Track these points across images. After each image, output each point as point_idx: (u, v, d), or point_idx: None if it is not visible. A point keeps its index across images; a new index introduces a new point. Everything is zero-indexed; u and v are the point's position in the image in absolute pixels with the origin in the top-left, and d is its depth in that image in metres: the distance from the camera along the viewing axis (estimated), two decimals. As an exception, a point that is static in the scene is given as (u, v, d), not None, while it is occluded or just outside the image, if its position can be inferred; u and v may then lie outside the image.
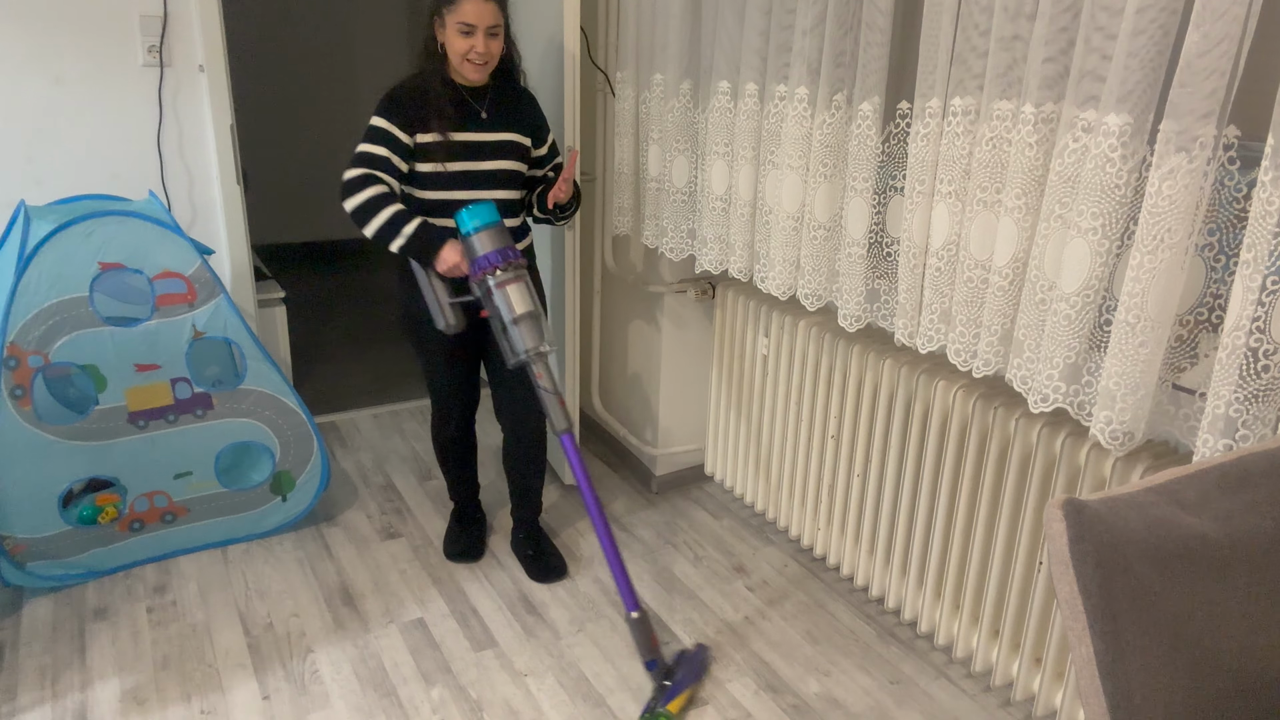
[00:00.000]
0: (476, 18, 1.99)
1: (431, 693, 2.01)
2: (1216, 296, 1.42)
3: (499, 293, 2.03)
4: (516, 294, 2.03)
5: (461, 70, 2.07)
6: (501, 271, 2.02)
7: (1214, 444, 1.36)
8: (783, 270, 2.14)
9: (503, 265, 2.02)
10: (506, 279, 2.03)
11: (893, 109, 1.86)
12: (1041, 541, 1.82)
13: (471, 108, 2.13)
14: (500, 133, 2.16)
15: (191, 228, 2.74)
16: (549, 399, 2.06)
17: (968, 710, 2.00)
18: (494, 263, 2.01)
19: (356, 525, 2.66)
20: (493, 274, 2.02)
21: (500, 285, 2.02)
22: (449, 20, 2.01)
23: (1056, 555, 0.85)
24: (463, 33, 2.01)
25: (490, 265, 2.01)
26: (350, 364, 3.91)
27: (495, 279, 2.02)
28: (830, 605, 2.35)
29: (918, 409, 2.03)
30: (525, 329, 2.03)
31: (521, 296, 2.04)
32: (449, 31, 2.02)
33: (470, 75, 2.08)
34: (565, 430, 2.06)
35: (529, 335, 2.04)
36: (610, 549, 2.03)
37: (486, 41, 2.03)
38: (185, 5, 2.55)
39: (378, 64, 5.39)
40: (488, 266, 2.02)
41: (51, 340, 2.12)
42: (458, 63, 2.05)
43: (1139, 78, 1.35)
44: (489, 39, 2.03)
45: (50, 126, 2.51)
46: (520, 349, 2.04)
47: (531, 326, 2.04)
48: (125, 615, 2.22)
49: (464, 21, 1.99)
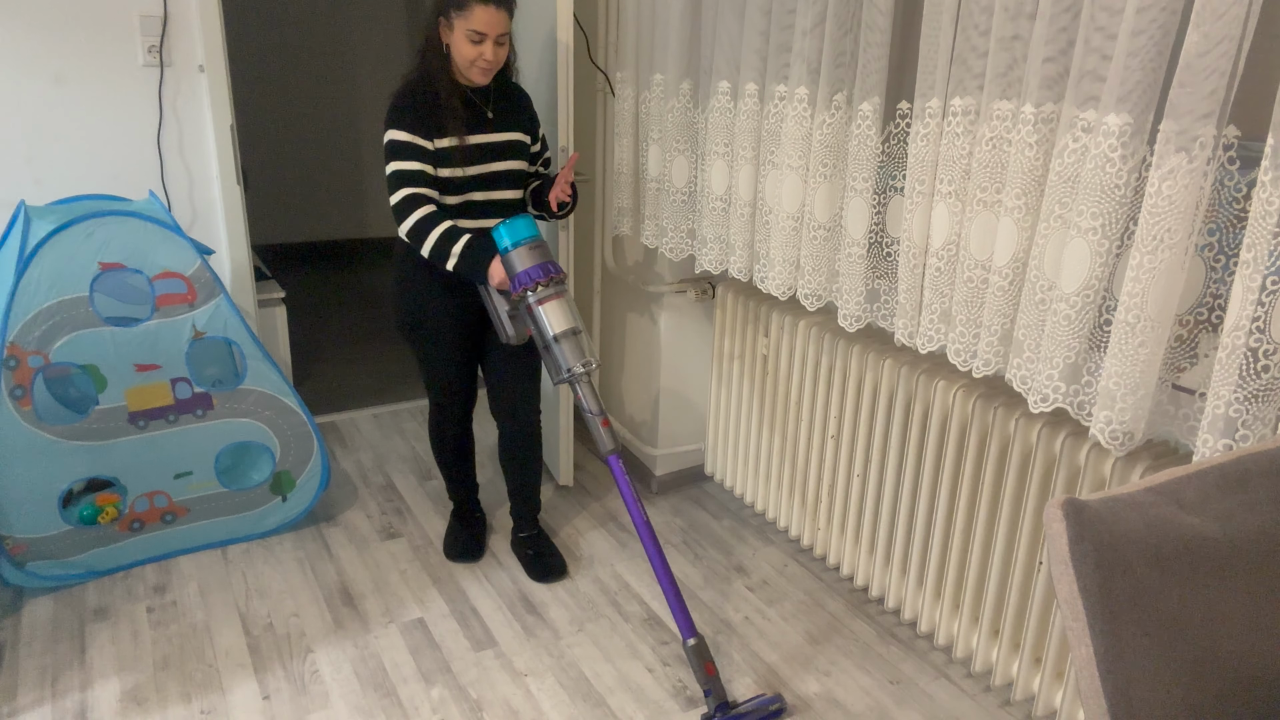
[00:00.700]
0: (488, 26, 1.98)
1: (431, 693, 2.01)
2: (1216, 296, 1.42)
3: (537, 310, 2.00)
4: (555, 311, 2.00)
5: (468, 74, 2.06)
6: (542, 288, 1.99)
7: (1214, 444, 1.36)
8: (783, 270, 2.14)
9: (543, 281, 1.99)
10: (545, 296, 2.00)
11: (893, 109, 1.86)
12: (1041, 541, 1.83)
13: (479, 109, 2.13)
14: (507, 132, 2.17)
15: (191, 228, 2.74)
16: (592, 421, 2.03)
17: (968, 710, 2.00)
18: (534, 279, 1.98)
19: (356, 525, 2.66)
20: (532, 290, 1.99)
21: (539, 303, 2.00)
22: (458, 25, 1.99)
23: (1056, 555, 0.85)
24: (473, 40, 1.99)
25: (528, 282, 1.98)
26: (350, 364, 3.91)
27: (533, 296, 2.00)
28: (830, 605, 2.35)
29: (918, 409, 2.03)
30: (567, 348, 2.00)
31: (561, 314, 2.00)
32: (457, 35, 2.01)
33: (476, 79, 2.07)
34: (611, 452, 2.03)
35: (570, 354, 2.00)
36: (664, 574, 1.97)
37: (495, 49, 2.02)
38: (185, 5, 2.55)
39: (377, 64, 5.39)
40: (528, 283, 1.98)
41: (52, 340, 2.12)
42: (464, 66, 2.04)
43: (1139, 78, 1.35)
44: (497, 47, 2.02)
45: (50, 126, 2.51)
46: (564, 367, 2.01)
47: (573, 345, 2.00)
48: (125, 615, 2.22)
49: (475, 29, 1.98)
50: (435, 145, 2.06)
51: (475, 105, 2.13)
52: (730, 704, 1.94)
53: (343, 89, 5.35)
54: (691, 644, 1.93)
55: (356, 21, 5.27)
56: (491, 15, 1.97)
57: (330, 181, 5.48)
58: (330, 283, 5.10)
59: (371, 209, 5.68)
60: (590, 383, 2.04)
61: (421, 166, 2.04)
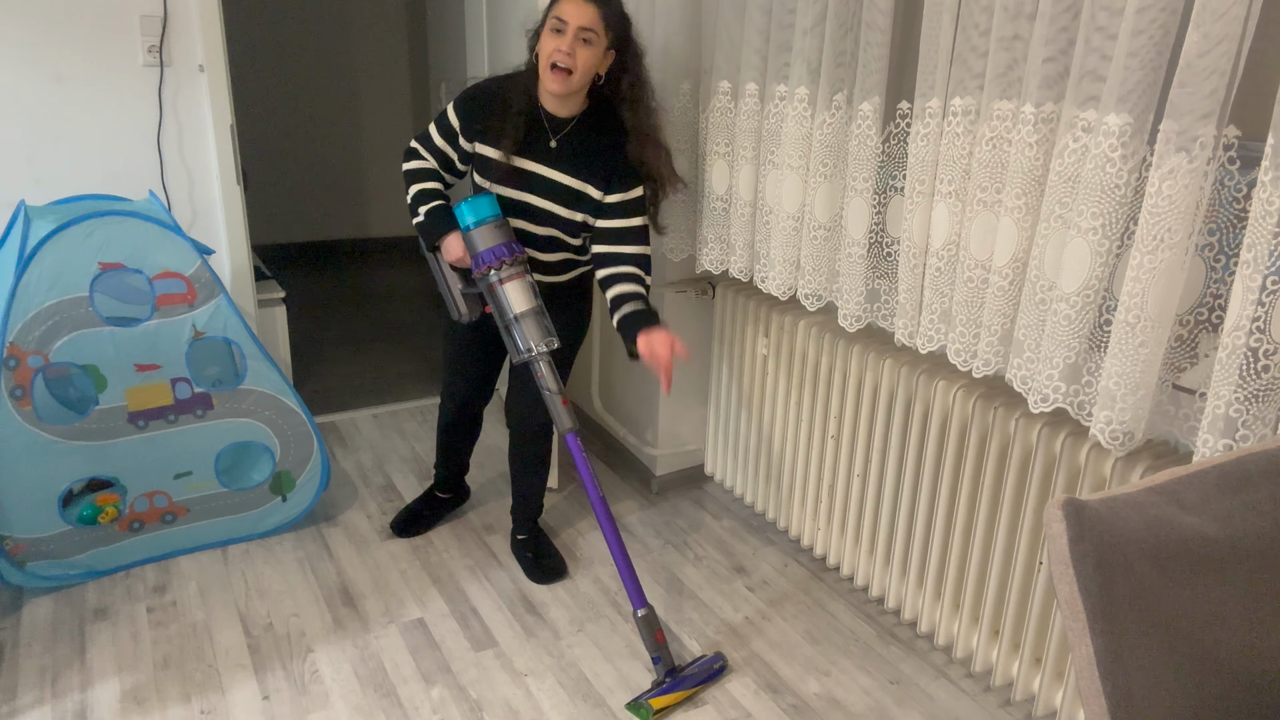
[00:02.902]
0: (571, 15, 1.87)
1: (431, 693, 2.01)
2: (1216, 296, 1.42)
3: (499, 290, 2.01)
4: (517, 291, 2.01)
5: (544, 80, 1.92)
6: (507, 266, 1.99)
7: (1214, 444, 1.36)
8: (783, 270, 2.14)
9: (507, 260, 1.99)
10: (507, 275, 2.00)
11: (893, 109, 1.86)
12: (1041, 541, 1.82)
13: (544, 133, 2.01)
14: (566, 175, 2.02)
15: (191, 228, 2.74)
16: (551, 399, 2.06)
17: (968, 710, 2.00)
18: (499, 257, 1.98)
19: (356, 525, 2.66)
20: (497, 269, 1.99)
21: (501, 282, 2.00)
22: (549, 19, 1.89)
23: (1056, 555, 0.85)
24: (554, 29, 1.88)
25: (493, 260, 1.99)
26: (350, 364, 3.91)
27: (496, 275, 2.00)
28: (830, 605, 2.35)
29: (918, 409, 2.03)
30: (527, 326, 2.02)
31: (522, 293, 2.01)
32: (545, 32, 1.90)
33: (550, 85, 1.92)
34: (569, 430, 2.05)
35: (531, 333, 2.02)
36: (616, 547, 2.04)
37: (574, 44, 1.87)
38: (185, 5, 2.55)
39: (378, 64, 5.39)
40: (492, 261, 1.99)
41: (51, 340, 2.12)
42: (543, 71, 1.91)
43: (1139, 78, 1.35)
44: (579, 44, 1.87)
45: (50, 126, 2.51)
46: (523, 347, 2.03)
47: (533, 324, 2.02)
48: (125, 615, 2.22)
49: (558, 16, 1.87)
50: (476, 148, 2.04)
51: (542, 127, 2.01)
52: (678, 669, 2.02)
53: (343, 89, 5.35)
54: (641, 614, 2.00)
55: (356, 22, 5.27)
56: (578, 6, 1.86)
57: (330, 181, 5.48)
58: (330, 283, 5.10)
59: (371, 209, 5.68)
60: (550, 361, 2.05)
61: (445, 146, 2.07)
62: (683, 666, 2.04)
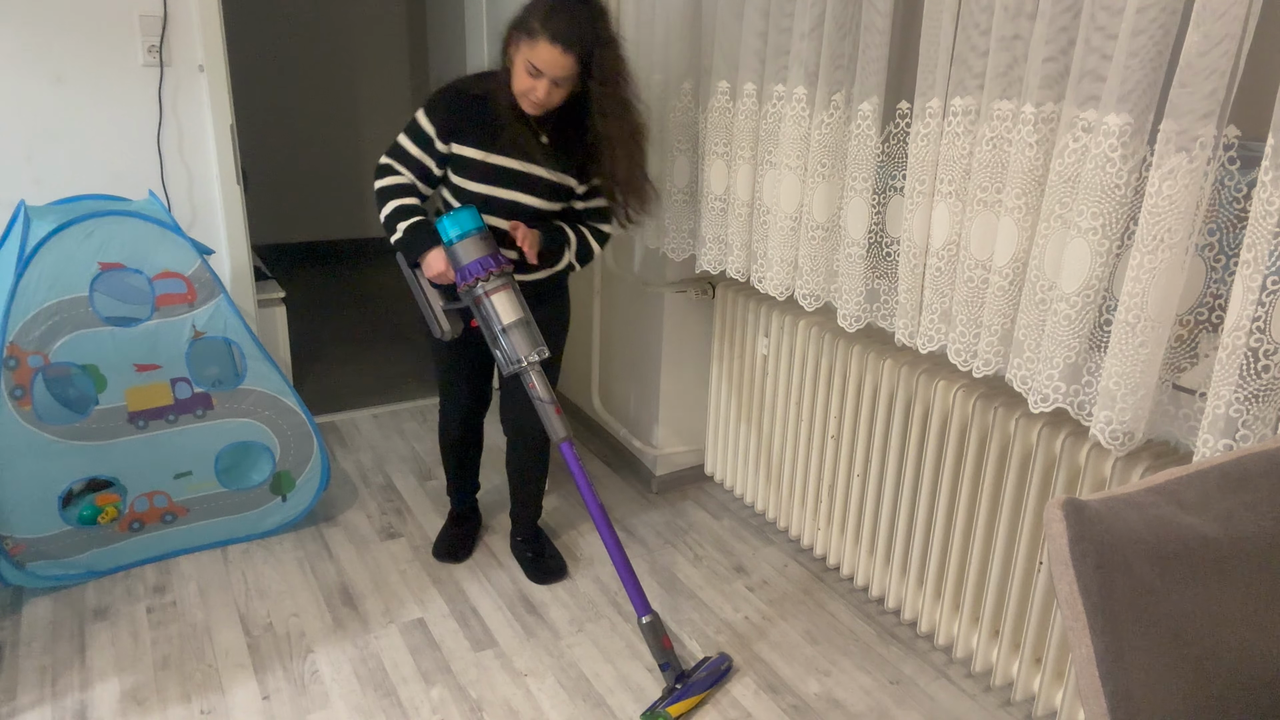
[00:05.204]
0: (548, 66, 1.87)
1: (431, 693, 2.01)
2: (1216, 296, 1.42)
3: (486, 302, 2.00)
4: (503, 302, 2.00)
5: (519, 100, 1.97)
6: (494, 278, 1.99)
7: (1214, 444, 1.36)
8: (780, 270, 2.14)
9: (494, 271, 1.98)
10: (493, 287, 1.99)
11: (892, 109, 1.85)
12: (1041, 541, 1.82)
13: (523, 130, 2.01)
14: (544, 169, 2.04)
15: (191, 228, 2.74)
16: (544, 409, 2.04)
17: (968, 710, 2.00)
18: (486, 269, 1.97)
19: (356, 525, 2.66)
20: (484, 280, 1.98)
21: (487, 294, 1.99)
22: (523, 50, 1.89)
23: (1056, 555, 0.85)
24: (529, 73, 1.89)
25: (480, 272, 1.97)
26: (350, 364, 3.91)
27: (481, 288, 1.99)
28: (830, 605, 2.35)
29: (918, 409, 2.03)
30: (517, 337, 2.01)
31: (509, 305, 2.00)
32: (519, 61, 1.91)
33: (525, 109, 1.98)
34: (564, 439, 2.05)
35: (521, 344, 2.01)
36: (618, 555, 2.03)
37: (549, 89, 1.91)
38: (185, 5, 2.55)
39: (377, 64, 5.39)
40: (479, 273, 1.97)
41: (51, 340, 2.12)
42: (515, 93, 1.95)
43: (1139, 77, 1.35)
44: (553, 87, 1.91)
45: (50, 126, 2.51)
46: (513, 358, 2.02)
47: (522, 335, 2.01)
48: (125, 615, 2.22)
49: (534, 64, 1.88)
50: (452, 149, 2.03)
51: (529, 124, 2.01)
52: (687, 673, 2.01)
53: (343, 89, 5.35)
54: (646, 621, 2.00)
55: (356, 22, 5.27)
56: (556, 57, 1.86)
57: (330, 181, 5.48)
58: (330, 283, 5.11)
59: (371, 209, 5.67)
60: (541, 371, 2.04)
61: (421, 155, 2.04)
62: (690, 671, 2.03)
